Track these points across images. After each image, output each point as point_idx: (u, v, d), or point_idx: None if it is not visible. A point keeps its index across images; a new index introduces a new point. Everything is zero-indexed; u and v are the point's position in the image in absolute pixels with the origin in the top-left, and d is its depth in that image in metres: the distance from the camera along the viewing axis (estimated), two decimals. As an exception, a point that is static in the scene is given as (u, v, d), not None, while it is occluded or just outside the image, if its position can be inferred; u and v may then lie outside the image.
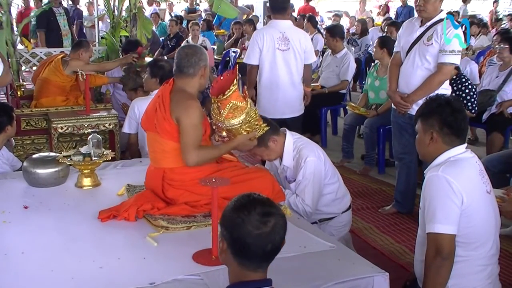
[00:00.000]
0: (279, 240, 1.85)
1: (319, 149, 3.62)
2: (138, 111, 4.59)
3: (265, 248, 1.83)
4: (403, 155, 4.77)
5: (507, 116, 5.93)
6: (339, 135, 7.63)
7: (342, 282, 2.42)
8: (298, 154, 3.49)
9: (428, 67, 4.37)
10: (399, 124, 4.69)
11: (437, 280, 2.54)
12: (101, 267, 2.53)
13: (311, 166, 3.44)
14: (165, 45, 11.20)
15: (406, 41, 4.51)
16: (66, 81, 5.57)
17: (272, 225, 1.83)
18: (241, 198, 1.89)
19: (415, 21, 4.52)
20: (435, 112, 2.68)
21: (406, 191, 4.90)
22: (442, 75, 4.34)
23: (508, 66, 6.10)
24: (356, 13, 15.62)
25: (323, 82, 7.30)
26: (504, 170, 4.50)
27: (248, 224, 1.81)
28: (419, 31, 4.41)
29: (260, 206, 1.85)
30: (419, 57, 4.38)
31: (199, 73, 3.16)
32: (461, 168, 2.59)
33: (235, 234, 1.83)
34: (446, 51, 4.26)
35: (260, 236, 1.81)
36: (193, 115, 3.05)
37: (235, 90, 3.01)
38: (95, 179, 3.61)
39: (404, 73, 4.52)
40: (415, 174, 4.79)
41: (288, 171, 3.56)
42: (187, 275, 2.43)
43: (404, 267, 3.89)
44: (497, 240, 2.70)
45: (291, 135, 3.60)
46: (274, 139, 3.49)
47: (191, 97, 3.13)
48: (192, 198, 3.10)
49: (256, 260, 1.85)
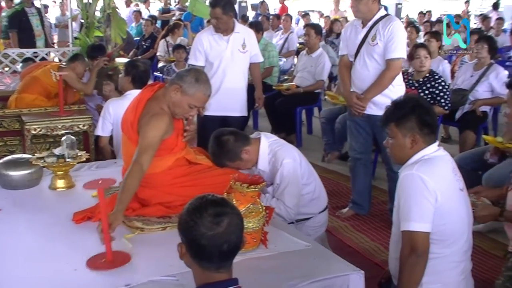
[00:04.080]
0: (235, 239, 1.85)
1: (295, 150, 3.61)
2: (113, 111, 4.55)
3: (221, 248, 1.83)
4: (361, 154, 4.78)
5: (479, 115, 6.03)
6: (314, 134, 7.69)
7: (317, 281, 2.43)
8: (274, 157, 3.47)
9: (378, 67, 4.42)
10: (356, 123, 4.70)
11: (411, 277, 2.57)
12: (75, 269, 2.51)
13: (288, 168, 3.42)
14: (139, 45, 11.14)
15: (353, 44, 4.54)
16: (53, 86, 5.50)
17: (226, 224, 1.83)
18: (195, 200, 1.90)
19: (356, 23, 4.55)
20: (412, 114, 2.68)
21: (363, 191, 4.92)
22: (392, 71, 4.39)
23: (482, 66, 6.19)
24: (331, 13, 15.70)
25: (298, 82, 7.33)
26: (476, 168, 4.56)
27: (201, 226, 1.82)
28: (362, 33, 4.45)
29: (212, 207, 1.85)
30: (368, 58, 4.43)
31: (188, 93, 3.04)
32: (434, 166, 2.62)
33: (190, 236, 1.84)
34: (391, 47, 4.31)
35: (214, 237, 1.81)
36: (153, 127, 2.97)
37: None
38: (69, 181, 3.58)
39: (358, 75, 4.54)
40: (372, 174, 4.83)
41: (264, 175, 3.51)
42: (162, 276, 2.42)
43: (379, 265, 3.92)
44: (470, 237, 2.73)
45: (266, 138, 3.56)
46: (247, 150, 3.44)
47: (161, 111, 3.04)
48: (166, 198, 3.09)
49: (215, 261, 1.85)
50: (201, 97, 3.09)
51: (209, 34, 5.07)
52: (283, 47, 10.28)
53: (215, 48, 5.01)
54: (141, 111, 3.06)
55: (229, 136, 3.43)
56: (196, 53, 5.06)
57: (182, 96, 3.04)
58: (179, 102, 3.06)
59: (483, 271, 3.87)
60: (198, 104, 3.12)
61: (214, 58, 5.00)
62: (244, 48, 5.06)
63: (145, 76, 4.70)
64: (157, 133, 2.98)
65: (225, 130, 3.55)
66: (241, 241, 1.90)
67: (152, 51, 10.97)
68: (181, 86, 3.04)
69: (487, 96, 6.08)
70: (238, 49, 5.03)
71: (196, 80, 3.05)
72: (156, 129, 2.97)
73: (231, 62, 5.01)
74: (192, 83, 3.04)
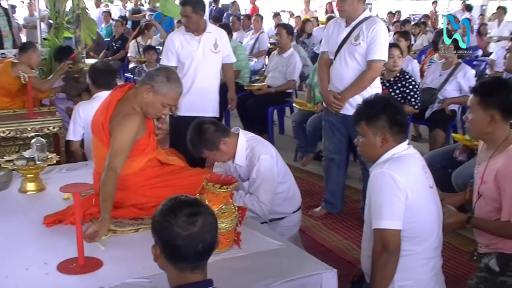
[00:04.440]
0: (210, 238, 1.86)
1: (272, 147, 3.62)
2: (84, 114, 4.50)
3: (196, 248, 1.82)
4: (335, 154, 4.80)
5: (448, 113, 6.12)
6: (286, 134, 7.72)
7: (291, 280, 2.44)
8: (252, 152, 3.47)
9: (358, 67, 4.44)
10: (331, 123, 4.71)
11: (383, 275, 2.60)
12: (47, 273, 2.48)
13: (265, 164, 3.42)
14: (110, 46, 11.05)
15: (334, 42, 4.55)
16: (13, 83, 5.44)
17: (200, 224, 1.83)
18: (168, 201, 1.90)
19: (340, 22, 4.56)
20: (383, 113, 2.70)
21: (336, 191, 4.93)
22: (373, 72, 4.42)
23: (451, 65, 6.28)
24: (301, 13, 15.78)
25: (270, 82, 7.36)
26: (446, 166, 4.63)
27: (175, 226, 1.81)
28: (345, 31, 4.47)
29: (186, 207, 1.85)
30: (349, 57, 4.44)
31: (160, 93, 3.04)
32: (404, 165, 2.65)
33: (165, 238, 1.84)
34: (374, 49, 4.34)
35: (189, 237, 1.81)
36: (124, 129, 2.96)
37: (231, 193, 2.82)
38: (40, 184, 3.53)
39: (337, 73, 4.56)
40: (345, 174, 4.86)
41: (241, 170, 3.54)
42: (135, 278, 2.41)
43: (352, 263, 3.95)
44: (440, 234, 2.77)
45: (244, 134, 3.58)
46: (225, 142, 3.45)
47: (132, 111, 3.04)
48: (138, 200, 3.08)
49: (190, 261, 1.85)
50: (174, 95, 3.10)
51: (180, 34, 5.06)
52: (254, 47, 10.30)
53: (186, 48, 4.99)
54: (111, 112, 3.05)
55: (210, 125, 3.45)
56: (168, 53, 5.04)
57: (155, 96, 3.05)
58: (151, 102, 3.06)
59: (453, 267, 3.93)
60: (171, 103, 3.14)
61: (186, 58, 4.99)
62: (216, 48, 5.05)
63: (107, 76, 4.66)
64: (128, 136, 2.97)
65: (206, 119, 3.58)
66: (215, 240, 1.90)
67: (123, 52, 10.91)
68: (152, 86, 3.04)
69: (456, 95, 6.16)
70: (210, 49, 5.02)
71: (167, 79, 3.06)
72: (127, 132, 2.97)
73: (203, 62, 4.99)
74: (163, 82, 3.04)
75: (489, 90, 2.85)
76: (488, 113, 2.79)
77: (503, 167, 2.74)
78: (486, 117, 2.80)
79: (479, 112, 2.84)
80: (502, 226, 2.76)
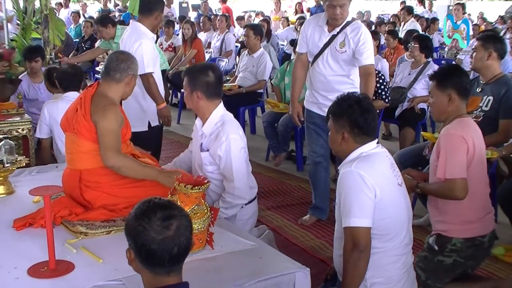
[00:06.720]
0: (184, 241, 1.85)
1: (242, 132, 3.53)
2: (48, 114, 4.56)
3: (171, 252, 1.82)
4: (321, 157, 4.66)
5: (417, 112, 6.21)
6: (257, 134, 7.73)
7: (264, 280, 2.45)
8: (222, 127, 3.39)
9: (343, 72, 4.39)
10: (316, 125, 4.59)
11: (355, 273, 2.62)
12: (17, 277, 2.45)
13: (236, 145, 3.37)
14: (79, 47, 10.94)
15: (315, 45, 4.43)
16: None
17: (175, 227, 1.83)
18: (141, 205, 1.89)
19: (321, 23, 4.41)
20: (345, 113, 2.73)
21: (324, 195, 4.81)
22: (373, 76, 4.40)
23: (419, 65, 6.38)
24: (271, 13, 15.81)
25: (240, 82, 7.37)
26: (416, 163, 4.67)
27: (150, 230, 1.81)
28: (328, 36, 4.37)
29: (160, 211, 1.84)
30: (334, 62, 4.37)
31: (125, 80, 3.18)
32: (373, 163, 2.68)
33: (139, 242, 1.83)
34: (365, 54, 4.28)
35: (165, 240, 1.81)
36: (111, 120, 3.04)
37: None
38: (9, 187, 3.49)
39: (320, 77, 4.46)
40: (329, 176, 4.84)
41: (205, 140, 3.48)
42: (108, 280, 2.40)
43: (324, 262, 3.98)
44: (410, 231, 2.81)
45: (223, 108, 3.53)
46: (200, 96, 3.39)
47: (111, 102, 3.11)
48: (110, 201, 3.06)
49: (166, 265, 1.84)
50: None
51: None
52: (222, 48, 10.30)
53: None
54: (89, 106, 3.09)
55: (214, 74, 3.45)
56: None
57: (133, 79, 3.24)
58: (132, 85, 3.25)
59: (423, 263, 3.98)
60: None
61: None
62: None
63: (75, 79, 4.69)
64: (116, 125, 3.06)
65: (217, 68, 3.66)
66: (190, 243, 1.89)
67: (92, 52, 10.77)
68: (133, 74, 3.21)
69: (425, 94, 6.22)
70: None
71: (129, 58, 3.24)
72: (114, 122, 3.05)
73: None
74: (132, 63, 3.22)
75: (444, 74, 3.31)
76: (445, 93, 3.21)
77: (443, 131, 3.14)
78: (445, 98, 3.21)
79: (438, 95, 3.25)
80: (440, 186, 3.10)
